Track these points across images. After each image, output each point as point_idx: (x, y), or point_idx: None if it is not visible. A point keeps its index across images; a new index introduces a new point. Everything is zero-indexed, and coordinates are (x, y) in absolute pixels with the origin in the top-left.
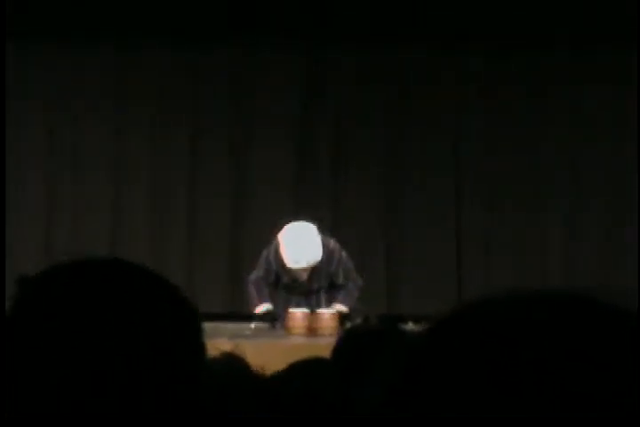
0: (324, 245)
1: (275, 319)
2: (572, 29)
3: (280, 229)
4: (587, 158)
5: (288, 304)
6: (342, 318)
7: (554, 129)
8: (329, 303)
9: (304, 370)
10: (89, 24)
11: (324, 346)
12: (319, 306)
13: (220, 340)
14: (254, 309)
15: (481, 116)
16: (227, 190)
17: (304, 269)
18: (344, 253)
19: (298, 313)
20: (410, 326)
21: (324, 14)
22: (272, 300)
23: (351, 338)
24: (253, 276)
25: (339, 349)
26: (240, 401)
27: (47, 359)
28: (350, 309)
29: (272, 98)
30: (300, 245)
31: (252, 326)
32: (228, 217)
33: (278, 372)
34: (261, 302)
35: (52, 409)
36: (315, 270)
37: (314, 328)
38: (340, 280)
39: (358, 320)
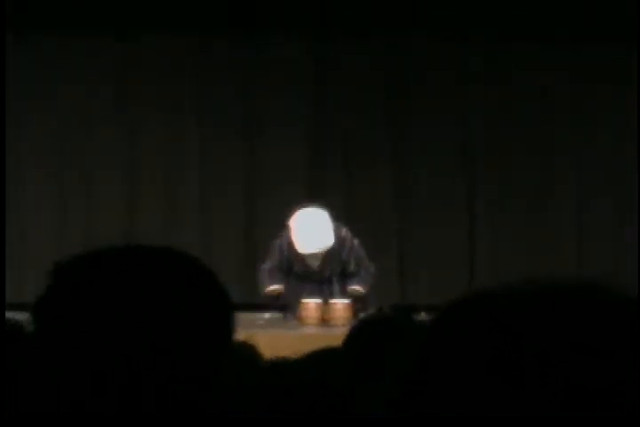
0: (336, 233)
1: (284, 306)
2: (572, 29)
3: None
4: (588, 158)
5: (301, 294)
6: (356, 305)
7: (555, 128)
8: (342, 292)
9: (319, 360)
10: (91, 22)
11: (337, 336)
12: (332, 296)
13: None
14: (265, 290)
15: (480, 115)
16: (238, 189)
17: (316, 255)
18: (356, 242)
19: (311, 303)
20: (423, 316)
21: (326, 13)
22: (284, 290)
23: (364, 328)
24: (267, 265)
25: (351, 338)
26: (253, 391)
27: (85, 343)
28: (366, 291)
29: (276, 97)
30: (312, 229)
31: (266, 316)
32: (241, 214)
33: (292, 362)
34: (272, 284)
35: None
36: (327, 258)
37: (327, 318)
38: (352, 268)
39: (372, 311)
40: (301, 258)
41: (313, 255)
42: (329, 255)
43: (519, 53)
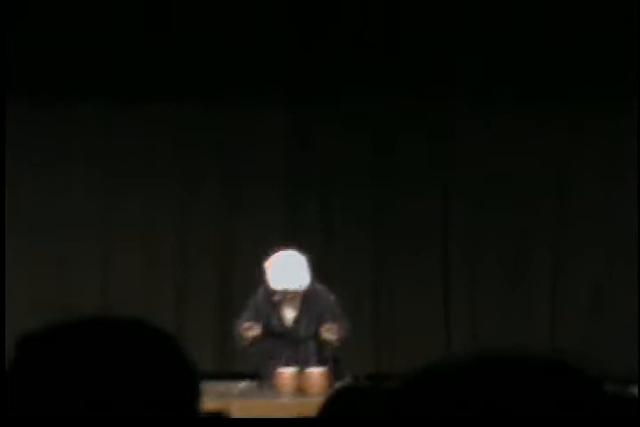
0: (313, 286)
1: (259, 375)
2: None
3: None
4: (565, 225)
5: (277, 360)
6: (333, 373)
7: (540, 185)
8: (319, 360)
9: None
10: (78, 81)
11: (313, 405)
12: (308, 362)
13: (207, 399)
14: (240, 328)
15: (468, 175)
16: (215, 248)
17: (291, 297)
18: (332, 297)
19: (286, 372)
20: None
21: (306, 74)
22: (260, 355)
23: (339, 398)
24: (243, 318)
25: (327, 408)
26: None
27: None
28: (340, 336)
29: (257, 155)
30: (288, 266)
31: (241, 384)
32: (216, 275)
33: None
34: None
35: None
36: (302, 309)
37: (303, 387)
38: (327, 321)
39: (347, 380)
40: (277, 305)
41: (288, 295)
42: (304, 304)
43: (506, 106)
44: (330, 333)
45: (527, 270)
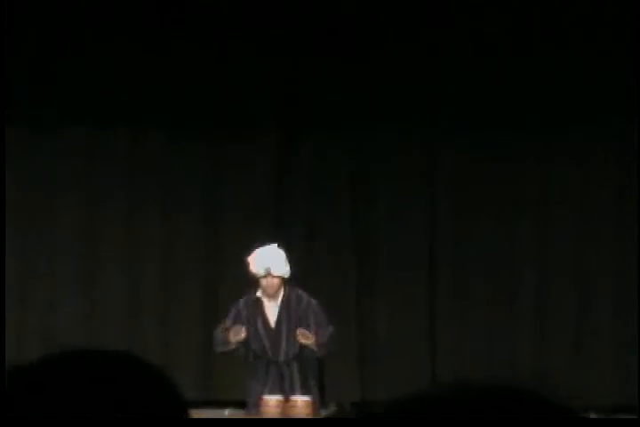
0: (294, 289)
1: (244, 402)
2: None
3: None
4: (551, 239)
5: (263, 389)
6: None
7: (526, 209)
8: (303, 388)
9: None
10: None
11: None
12: (293, 389)
13: None
14: (224, 328)
15: (449, 203)
16: (200, 275)
17: (273, 291)
18: (314, 301)
19: (272, 400)
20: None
21: (295, 108)
22: (245, 385)
23: None
24: (224, 324)
25: None
26: None
27: None
28: (324, 338)
29: (245, 180)
30: (270, 253)
31: (226, 412)
32: (199, 303)
33: None
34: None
35: None
36: (283, 308)
37: (288, 416)
38: (310, 324)
39: (332, 408)
40: (259, 303)
41: (269, 285)
42: (285, 303)
43: (491, 147)
44: (303, 337)
45: (514, 298)
